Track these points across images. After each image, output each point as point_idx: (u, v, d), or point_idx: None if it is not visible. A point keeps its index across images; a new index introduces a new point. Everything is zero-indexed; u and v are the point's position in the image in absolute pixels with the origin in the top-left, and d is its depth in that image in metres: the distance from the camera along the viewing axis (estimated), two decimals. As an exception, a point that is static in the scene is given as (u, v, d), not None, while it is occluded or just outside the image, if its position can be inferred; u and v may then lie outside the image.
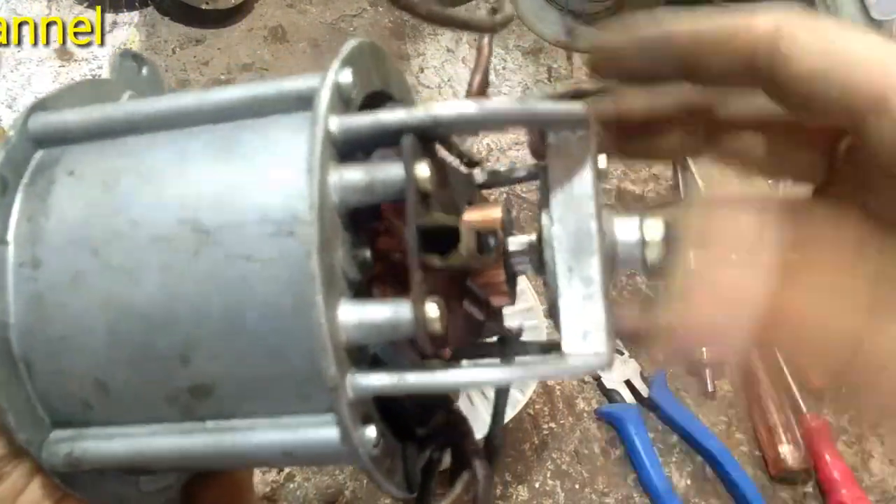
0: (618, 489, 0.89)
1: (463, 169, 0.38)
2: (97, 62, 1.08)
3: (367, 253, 0.29)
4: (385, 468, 0.30)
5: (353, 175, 0.27)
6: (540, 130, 0.31)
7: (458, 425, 0.36)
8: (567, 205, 0.30)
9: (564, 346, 0.30)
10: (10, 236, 0.31)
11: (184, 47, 1.12)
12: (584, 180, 0.30)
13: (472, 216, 0.32)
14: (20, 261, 0.31)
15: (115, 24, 1.12)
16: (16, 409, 0.30)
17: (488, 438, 0.39)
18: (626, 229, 0.32)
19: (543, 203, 0.30)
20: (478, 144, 1.13)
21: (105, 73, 1.10)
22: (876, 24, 1.23)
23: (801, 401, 0.96)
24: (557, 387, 0.94)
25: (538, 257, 0.32)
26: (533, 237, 0.32)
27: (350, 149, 0.28)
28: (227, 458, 0.31)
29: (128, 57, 0.40)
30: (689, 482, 0.91)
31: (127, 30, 1.12)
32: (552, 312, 0.31)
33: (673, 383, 0.98)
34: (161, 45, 1.11)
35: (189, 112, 0.32)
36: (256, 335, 0.28)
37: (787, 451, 0.90)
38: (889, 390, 0.27)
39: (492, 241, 0.32)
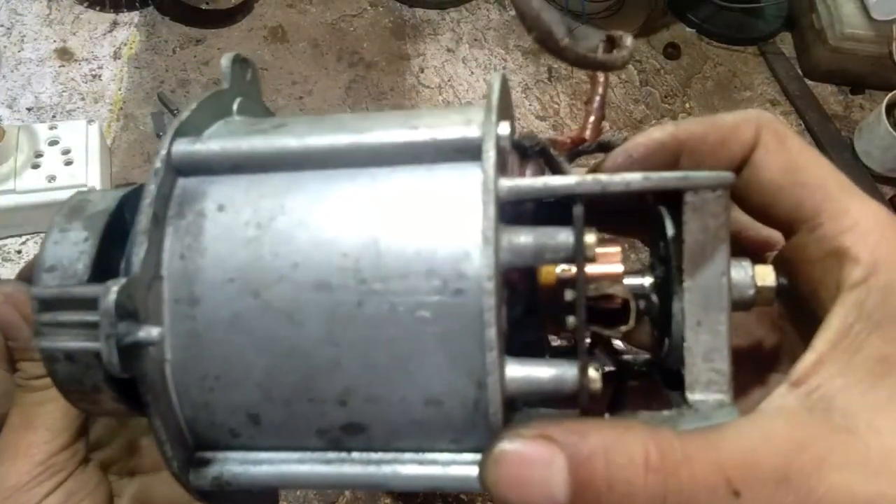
0: (618, 489, 0.89)
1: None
2: (97, 62, 1.08)
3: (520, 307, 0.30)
4: None
5: (523, 240, 0.28)
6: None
7: None
8: (699, 261, 0.30)
9: (689, 395, 0.31)
10: (165, 271, 0.31)
11: (184, 47, 1.12)
12: (719, 237, 0.30)
13: (596, 270, 0.32)
14: (176, 297, 0.30)
15: (115, 24, 1.12)
16: (167, 430, 0.31)
17: None
18: (740, 271, 0.32)
19: (675, 259, 0.31)
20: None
21: (105, 74, 1.11)
22: (876, 24, 1.23)
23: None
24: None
25: (653, 303, 0.33)
26: (646, 281, 0.33)
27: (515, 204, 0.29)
28: (370, 487, 0.33)
29: (238, 62, 0.39)
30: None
31: (127, 30, 1.12)
32: (670, 358, 0.32)
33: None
34: (161, 45, 1.12)
35: (342, 153, 0.31)
36: (418, 384, 0.29)
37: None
38: None
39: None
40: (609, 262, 0.32)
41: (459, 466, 0.30)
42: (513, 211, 0.30)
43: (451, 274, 0.28)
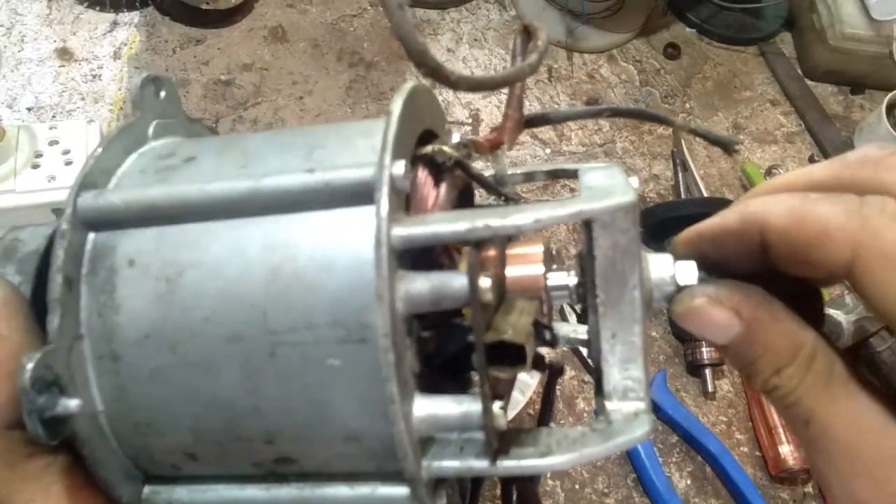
0: (618, 489, 0.89)
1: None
2: (97, 62, 1.08)
3: (426, 335, 0.31)
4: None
5: (419, 287, 0.28)
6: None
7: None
8: (611, 276, 0.31)
9: (607, 404, 0.32)
10: (84, 330, 0.32)
11: (184, 47, 1.12)
12: (629, 252, 0.30)
13: (514, 274, 0.33)
14: (98, 354, 0.32)
15: (115, 24, 1.12)
16: (110, 473, 0.32)
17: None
18: (660, 270, 0.33)
19: (588, 274, 0.31)
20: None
21: (105, 74, 1.10)
22: (876, 24, 1.23)
23: (801, 401, 0.96)
24: (557, 387, 0.94)
25: (576, 295, 0.33)
26: (572, 279, 0.33)
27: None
28: None
29: (147, 83, 0.39)
30: (689, 482, 0.91)
31: (127, 30, 1.12)
32: (595, 370, 0.33)
33: (673, 383, 0.98)
34: (161, 45, 1.11)
35: (243, 200, 0.31)
36: (336, 425, 0.30)
37: (788, 452, 0.91)
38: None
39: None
40: (529, 262, 0.33)
41: (387, 487, 0.31)
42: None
43: (355, 324, 0.29)
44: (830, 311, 0.97)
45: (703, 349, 0.97)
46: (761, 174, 1.16)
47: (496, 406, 0.28)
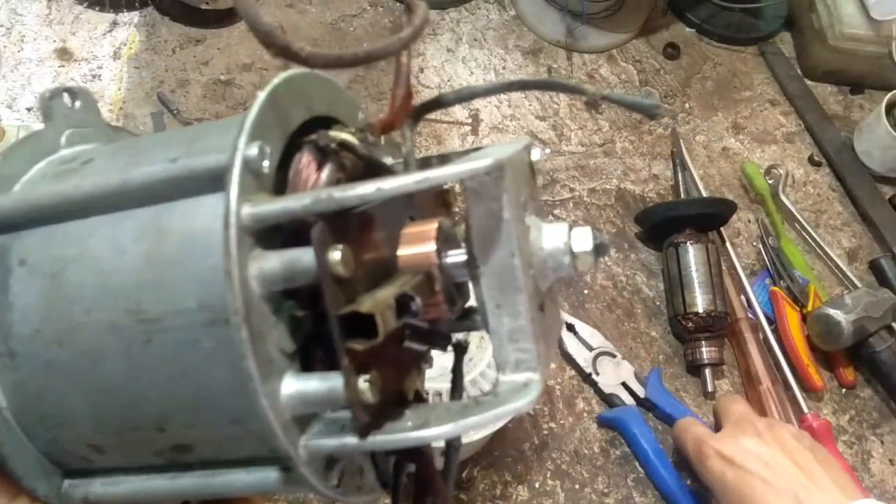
0: (618, 489, 0.89)
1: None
2: (97, 62, 1.08)
3: (300, 314, 0.30)
4: (355, 486, 0.34)
5: (271, 265, 0.29)
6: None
7: (418, 452, 0.38)
8: (488, 245, 0.30)
9: (500, 377, 0.31)
10: None
11: (184, 47, 1.12)
12: (502, 220, 0.30)
13: (406, 252, 0.33)
14: None
15: (115, 24, 1.12)
16: (26, 469, 0.34)
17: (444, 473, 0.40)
18: (554, 239, 0.33)
19: (468, 242, 0.31)
20: (478, 145, 1.13)
21: (104, 74, 1.10)
22: (876, 24, 1.23)
23: (802, 400, 0.96)
24: (557, 387, 0.94)
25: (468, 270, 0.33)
26: (464, 255, 0.33)
27: (271, 229, 0.29)
28: (214, 495, 0.35)
29: (57, 94, 0.40)
30: (688, 482, 0.91)
31: (127, 30, 1.12)
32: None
33: (673, 383, 0.98)
34: (161, 45, 1.11)
35: (116, 194, 0.32)
36: (218, 408, 0.31)
37: (788, 452, 0.91)
38: None
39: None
40: (422, 240, 0.33)
41: (284, 471, 0.32)
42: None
43: (218, 306, 0.29)
44: (830, 311, 0.97)
45: (703, 349, 0.97)
46: (761, 174, 1.16)
47: (361, 380, 0.28)
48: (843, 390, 1.03)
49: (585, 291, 1.02)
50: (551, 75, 1.22)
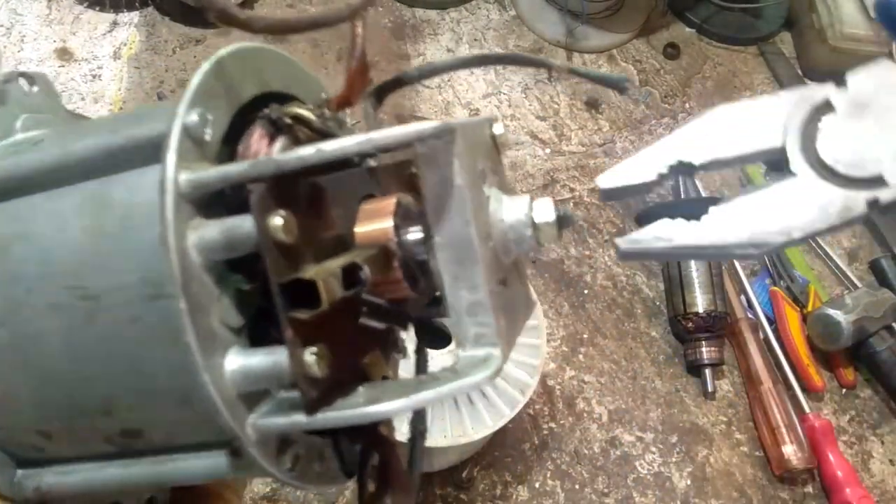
0: (618, 489, 0.89)
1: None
2: (97, 62, 1.08)
3: (247, 288, 0.29)
4: (314, 473, 0.32)
5: (211, 233, 0.27)
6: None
7: (382, 442, 0.36)
8: (443, 213, 0.29)
9: (460, 352, 0.30)
10: None
11: (184, 47, 1.12)
12: (456, 186, 0.29)
13: (362, 229, 0.31)
14: None
15: (115, 24, 1.12)
16: None
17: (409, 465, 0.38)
18: (515, 211, 0.31)
19: (423, 211, 0.30)
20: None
21: (105, 74, 1.10)
22: (876, 24, 1.23)
23: (803, 400, 0.96)
24: (557, 387, 0.94)
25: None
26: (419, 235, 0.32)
27: (211, 196, 0.28)
28: (166, 482, 0.34)
29: (13, 78, 0.40)
30: (689, 482, 0.91)
31: (127, 30, 1.12)
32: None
33: (672, 383, 0.98)
34: (161, 45, 1.11)
35: (57, 169, 0.31)
36: (164, 388, 0.30)
37: (791, 452, 0.91)
38: None
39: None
40: (379, 216, 0.31)
41: (233, 456, 0.30)
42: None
43: (160, 279, 0.28)
44: (830, 311, 0.97)
45: (703, 349, 0.97)
46: (761, 174, 1.16)
47: (307, 352, 0.27)
48: (843, 390, 1.03)
49: (585, 291, 1.02)
50: (551, 76, 1.22)
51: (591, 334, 0.99)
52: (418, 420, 0.39)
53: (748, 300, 1.04)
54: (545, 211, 0.31)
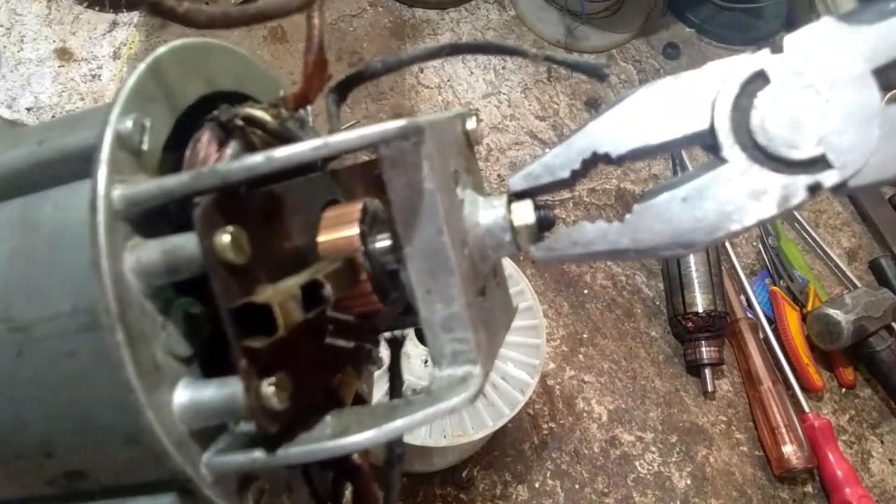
0: (618, 489, 0.89)
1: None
2: (97, 62, 1.08)
3: (196, 312, 0.26)
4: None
5: (150, 255, 0.25)
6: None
7: (355, 470, 0.34)
8: (413, 221, 0.26)
9: (436, 372, 0.28)
10: None
11: (183, 47, 1.12)
12: (426, 191, 0.26)
13: (326, 238, 0.29)
14: None
15: (114, 24, 1.12)
16: None
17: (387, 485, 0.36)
18: (492, 214, 0.29)
19: (391, 219, 0.27)
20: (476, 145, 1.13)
21: (104, 74, 1.09)
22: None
23: (803, 400, 0.96)
24: (557, 386, 0.94)
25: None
26: (386, 243, 0.29)
27: (150, 213, 0.25)
28: None
29: None
30: (689, 482, 0.91)
31: (126, 30, 1.12)
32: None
33: (672, 383, 0.98)
34: (161, 45, 1.11)
35: None
36: (106, 427, 0.27)
37: (791, 451, 0.91)
38: None
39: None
40: (344, 223, 0.29)
41: (188, 496, 0.27)
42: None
43: (95, 307, 0.25)
44: (830, 311, 0.97)
45: (703, 349, 0.97)
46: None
47: (265, 383, 0.24)
48: (843, 390, 1.03)
49: (585, 291, 1.02)
50: (551, 75, 1.22)
51: (590, 334, 0.99)
52: (395, 443, 0.36)
53: (748, 300, 1.04)
54: (524, 213, 0.29)
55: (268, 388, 0.24)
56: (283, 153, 0.25)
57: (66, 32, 1.10)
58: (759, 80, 0.26)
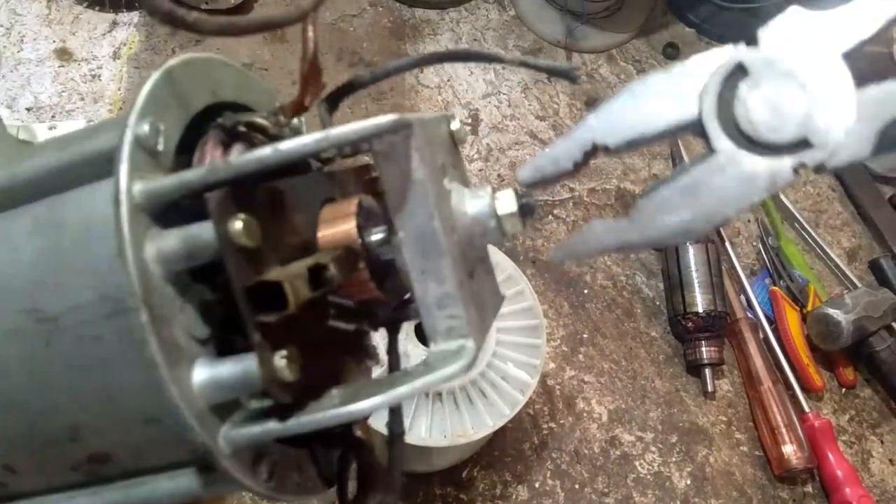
0: (618, 489, 0.89)
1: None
2: (97, 62, 1.08)
3: (211, 298, 0.29)
4: (293, 483, 0.32)
5: (170, 244, 0.27)
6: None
7: (359, 444, 0.36)
8: (405, 208, 0.29)
9: (432, 347, 0.30)
10: None
11: (184, 47, 1.12)
12: (418, 180, 0.29)
13: (325, 232, 0.31)
14: None
15: (114, 24, 1.12)
16: None
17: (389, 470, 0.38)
18: (477, 203, 0.32)
19: (385, 209, 0.30)
20: (477, 144, 1.13)
21: (104, 74, 1.10)
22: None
23: (803, 400, 0.96)
24: (557, 386, 0.94)
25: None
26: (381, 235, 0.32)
27: (168, 206, 0.28)
28: None
29: None
30: (689, 482, 0.91)
31: (126, 30, 1.12)
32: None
33: (672, 383, 0.98)
34: (161, 45, 1.11)
35: (4, 192, 0.31)
36: (130, 407, 0.29)
37: (791, 451, 0.91)
38: None
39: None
40: (341, 217, 0.31)
41: (207, 473, 0.30)
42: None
43: (119, 294, 0.27)
44: (830, 311, 0.97)
45: (703, 349, 0.97)
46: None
47: (277, 356, 0.26)
48: (843, 390, 1.03)
49: (585, 291, 1.02)
50: (550, 77, 1.22)
51: (591, 334, 0.99)
52: (395, 422, 0.38)
53: (748, 300, 1.04)
54: (507, 202, 0.32)
55: (280, 360, 0.27)
56: (289, 145, 0.27)
57: (66, 32, 1.10)
58: (739, 72, 0.29)
